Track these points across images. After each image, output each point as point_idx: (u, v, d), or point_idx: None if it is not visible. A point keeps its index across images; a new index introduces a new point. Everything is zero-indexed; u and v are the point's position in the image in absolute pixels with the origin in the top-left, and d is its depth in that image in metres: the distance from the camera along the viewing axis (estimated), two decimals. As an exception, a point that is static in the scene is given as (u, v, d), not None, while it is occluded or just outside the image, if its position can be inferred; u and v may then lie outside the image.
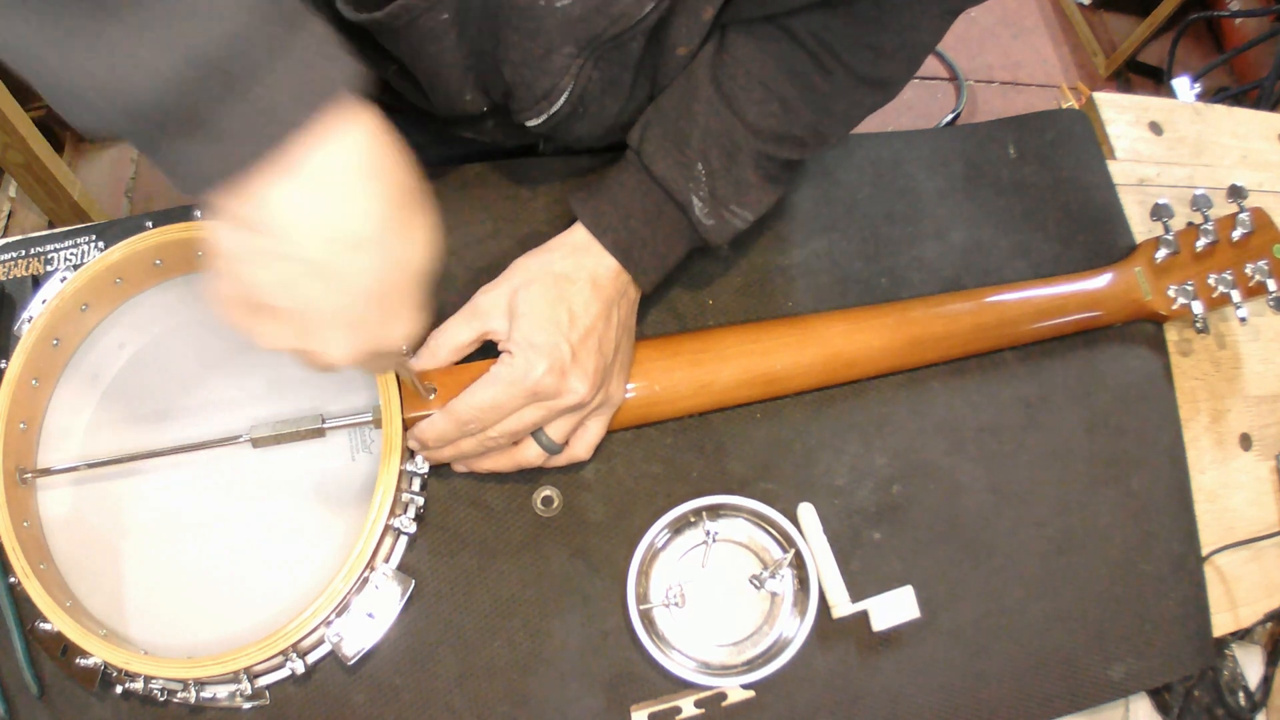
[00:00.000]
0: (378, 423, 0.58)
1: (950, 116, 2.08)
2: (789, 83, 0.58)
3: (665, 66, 0.59)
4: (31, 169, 1.47)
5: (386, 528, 0.57)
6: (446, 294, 0.67)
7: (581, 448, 0.61)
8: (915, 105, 2.09)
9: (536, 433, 0.58)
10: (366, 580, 0.57)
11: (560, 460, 0.61)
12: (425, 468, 0.60)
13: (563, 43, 0.52)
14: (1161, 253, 0.71)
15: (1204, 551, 0.69)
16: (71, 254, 0.66)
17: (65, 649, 0.55)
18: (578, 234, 0.59)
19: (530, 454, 0.59)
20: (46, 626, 0.55)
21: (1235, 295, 0.69)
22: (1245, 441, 0.74)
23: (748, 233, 0.63)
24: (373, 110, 0.38)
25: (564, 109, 0.57)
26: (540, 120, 0.58)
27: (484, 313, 0.58)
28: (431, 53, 0.53)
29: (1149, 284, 0.71)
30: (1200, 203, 0.70)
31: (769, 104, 0.58)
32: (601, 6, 0.50)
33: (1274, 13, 1.83)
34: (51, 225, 1.61)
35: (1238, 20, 1.92)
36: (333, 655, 0.57)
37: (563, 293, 0.56)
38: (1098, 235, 0.76)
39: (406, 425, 0.59)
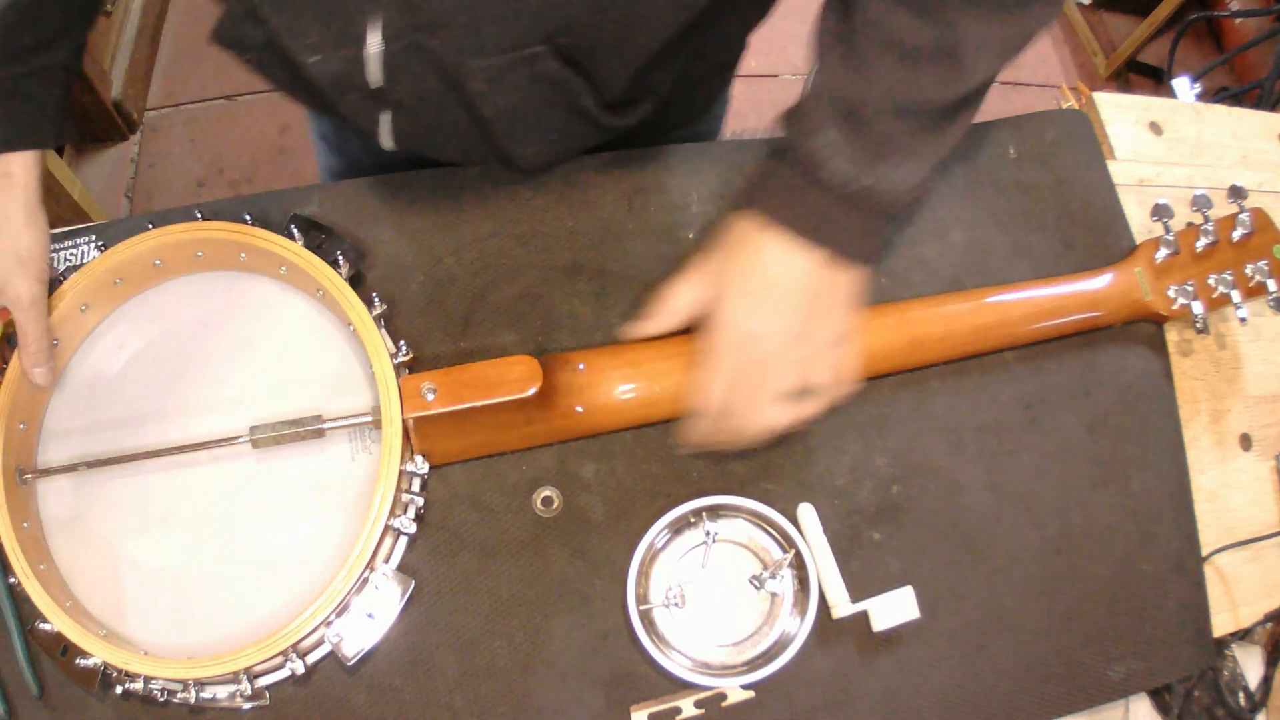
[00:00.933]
0: (378, 423, 0.58)
1: (950, 116, 2.07)
2: (905, 16, 0.54)
3: (477, 107, 0.58)
4: (31, 169, 1.47)
5: (386, 528, 0.57)
6: (447, 294, 0.67)
7: (833, 384, 0.60)
8: (915, 105, 2.09)
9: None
10: (366, 581, 0.57)
11: (823, 403, 0.60)
12: (425, 468, 0.60)
13: (343, 91, 0.56)
14: (1161, 253, 0.71)
15: (1204, 551, 0.69)
16: (71, 254, 0.66)
17: (65, 649, 0.55)
18: None
19: (776, 415, 0.59)
20: (46, 626, 0.55)
21: (1235, 295, 0.69)
22: (1245, 441, 0.74)
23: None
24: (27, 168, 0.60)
25: (397, 140, 0.61)
26: (393, 145, 0.62)
27: (704, 272, 0.60)
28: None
29: (1149, 284, 0.71)
30: (1200, 203, 0.70)
31: (892, 53, 0.54)
32: (340, 72, 0.54)
33: (1274, 13, 1.83)
34: (51, 225, 1.60)
35: (1238, 20, 1.92)
36: (333, 656, 0.57)
37: (764, 251, 0.58)
38: (1098, 235, 0.76)
39: (407, 426, 0.59)
